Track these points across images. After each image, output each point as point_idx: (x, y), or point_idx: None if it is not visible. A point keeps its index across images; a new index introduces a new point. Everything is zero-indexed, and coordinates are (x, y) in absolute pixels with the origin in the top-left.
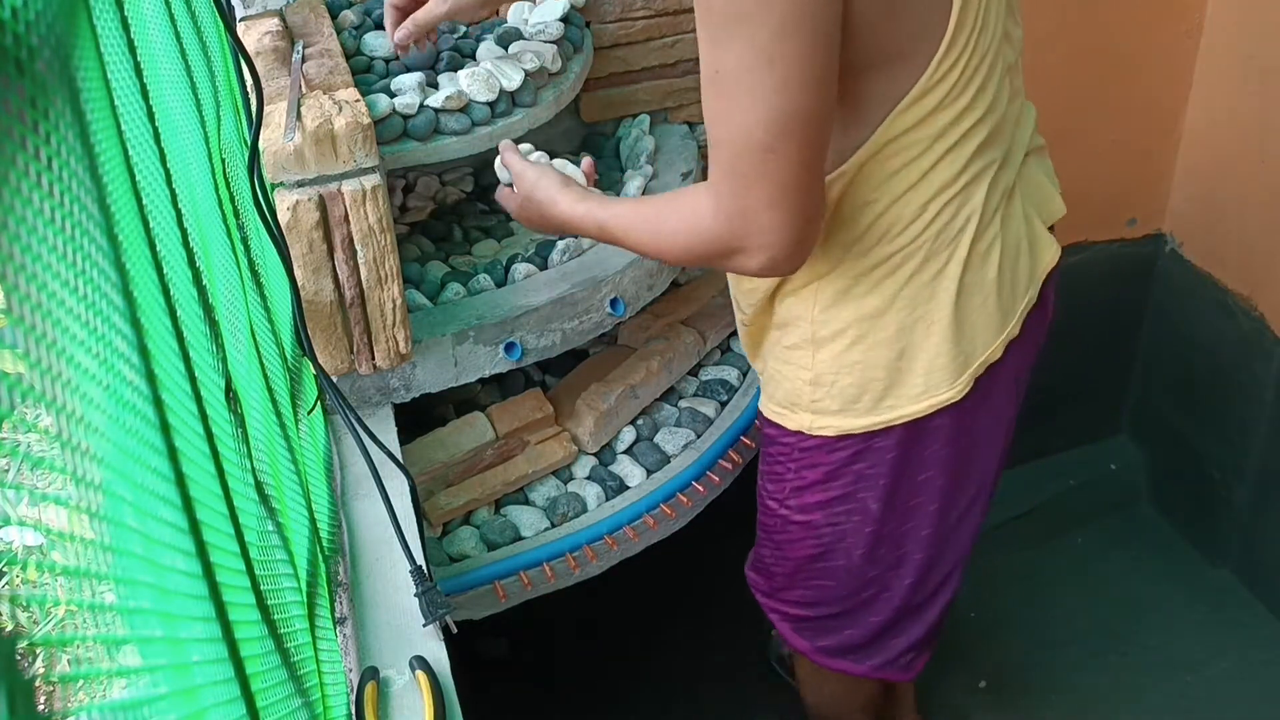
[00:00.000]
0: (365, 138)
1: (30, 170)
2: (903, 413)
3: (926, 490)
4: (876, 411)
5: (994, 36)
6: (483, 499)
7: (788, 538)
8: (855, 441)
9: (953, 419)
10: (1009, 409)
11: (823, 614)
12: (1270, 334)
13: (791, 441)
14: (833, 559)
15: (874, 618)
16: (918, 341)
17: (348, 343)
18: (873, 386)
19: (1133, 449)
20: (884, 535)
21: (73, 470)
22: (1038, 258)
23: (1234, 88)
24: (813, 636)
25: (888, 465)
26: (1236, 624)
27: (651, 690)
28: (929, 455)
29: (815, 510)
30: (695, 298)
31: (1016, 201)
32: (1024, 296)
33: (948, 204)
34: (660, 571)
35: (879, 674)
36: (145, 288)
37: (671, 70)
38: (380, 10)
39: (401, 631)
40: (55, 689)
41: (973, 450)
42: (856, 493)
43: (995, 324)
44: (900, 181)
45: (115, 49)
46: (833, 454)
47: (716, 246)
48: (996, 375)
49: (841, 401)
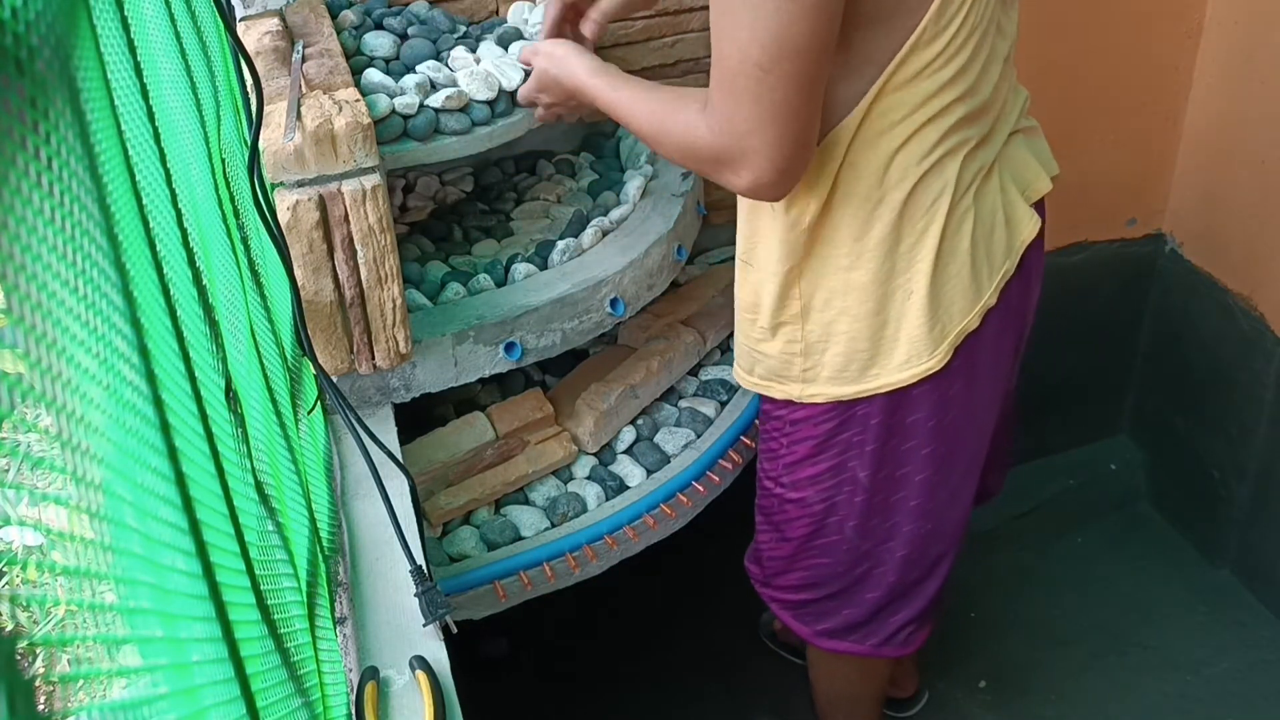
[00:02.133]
0: (365, 138)
1: (30, 170)
2: (886, 381)
3: (913, 459)
4: (863, 380)
5: (984, 18)
6: (483, 499)
7: (784, 517)
8: (842, 410)
9: (936, 389)
10: (999, 384)
11: (821, 595)
12: (1270, 334)
13: (783, 414)
14: (827, 534)
15: (870, 594)
16: (899, 311)
17: (348, 343)
18: (859, 356)
19: (1133, 449)
20: (874, 506)
21: (73, 470)
22: (1015, 230)
23: (1234, 88)
24: (813, 620)
25: (873, 433)
26: (1236, 624)
27: (651, 690)
28: (913, 424)
29: (808, 486)
30: (695, 297)
31: (994, 177)
32: (1000, 268)
33: (925, 175)
34: (660, 571)
35: (880, 652)
36: (145, 288)
37: (671, 70)
38: (380, 10)
39: (401, 631)
40: (55, 689)
41: (962, 423)
42: (846, 463)
43: (970, 294)
44: (886, 145)
45: (115, 49)
46: (820, 425)
47: (707, 158)
48: (978, 346)
49: (830, 370)
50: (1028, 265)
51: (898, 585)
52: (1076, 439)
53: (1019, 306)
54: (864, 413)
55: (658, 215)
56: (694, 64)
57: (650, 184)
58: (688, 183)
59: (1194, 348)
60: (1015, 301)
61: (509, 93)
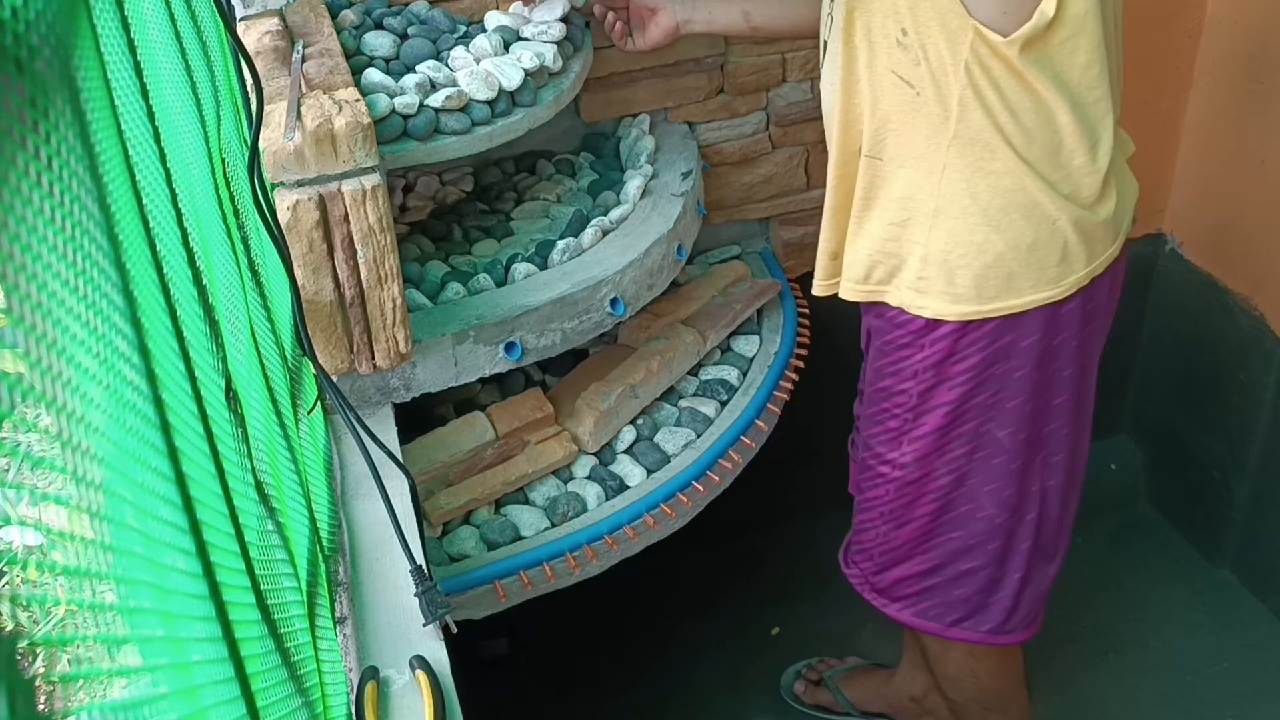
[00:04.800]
0: (365, 137)
1: (30, 170)
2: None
3: (1059, 398)
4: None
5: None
6: (483, 499)
7: (903, 501)
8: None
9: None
10: (1100, 347)
11: (947, 577)
12: (1270, 334)
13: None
14: (959, 505)
15: (1013, 572)
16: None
17: (348, 342)
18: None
19: (1133, 449)
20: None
21: (73, 470)
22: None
23: (1234, 88)
24: (940, 614)
25: (1023, 371)
26: (1236, 624)
27: (652, 690)
28: (1053, 372)
29: (934, 458)
30: (695, 297)
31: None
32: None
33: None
34: (661, 571)
35: (1016, 636)
36: (145, 288)
37: (672, 70)
38: (380, 10)
39: (401, 631)
40: (55, 689)
41: (1087, 368)
42: (990, 403)
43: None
44: (1075, 58)
45: (115, 49)
46: (962, 361)
47: None
48: (1098, 292)
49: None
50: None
51: (1034, 556)
52: None
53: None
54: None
55: (658, 215)
56: (695, 64)
57: (650, 184)
58: (688, 183)
59: (1194, 348)
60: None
61: (509, 92)
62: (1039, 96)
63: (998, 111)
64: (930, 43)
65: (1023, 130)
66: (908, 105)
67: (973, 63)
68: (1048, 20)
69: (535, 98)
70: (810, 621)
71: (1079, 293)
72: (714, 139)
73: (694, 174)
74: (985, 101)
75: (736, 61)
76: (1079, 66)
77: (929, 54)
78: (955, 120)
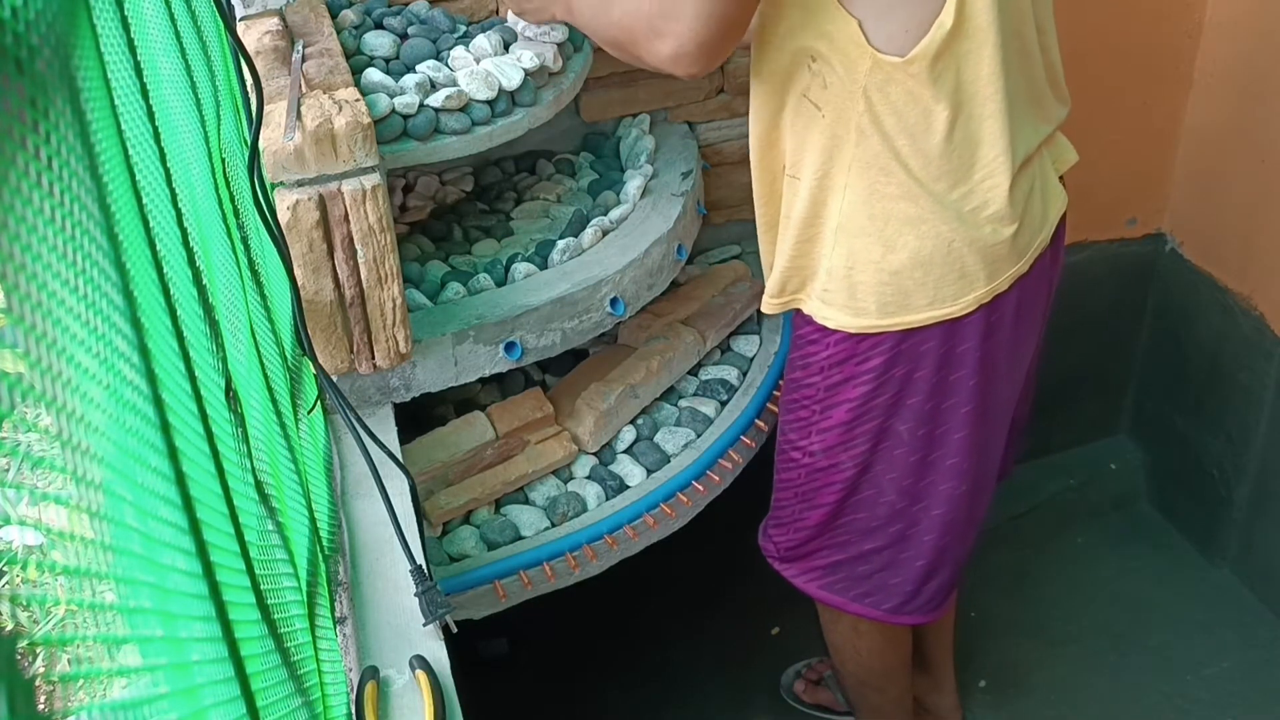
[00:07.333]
0: (365, 137)
1: (30, 170)
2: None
3: (956, 410)
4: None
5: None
6: (483, 498)
7: (813, 485)
8: (891, 342)
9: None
10: (1031, 344)
11: (854, 555)
12: (1270, 334)
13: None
14: (862, 491)
15: (914, 559)
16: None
17: (348, 342)
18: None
19: (1133, 449)
20: (913, 463)
21: (73, 470)
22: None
23: (1234, 87)
24: (844, 589)
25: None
26: (1236, 624)
27: (652, 689)
28: (963, 353)
29: (839, 450)
30: (695, 297)
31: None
32: (1039, 233)
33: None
34: (661, 570)
35: (913, 618)
36: (145, 288)
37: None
38: (380, 10)
39: (401, 631)
40: (55, 688)
41: (1002, 370)
42: (889, 409)
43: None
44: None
45: (115, 49)
46: (865, 362)
47: (640, 24)
48: (1019, 294)
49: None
50: (1057, 238)
51: (937, 548)
52: (1076, 438)
53: (1049, 273)
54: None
55: (658, 215)
56: None
57: (650, 184)
58: (688, 182)
59: (1194, 348)
60: (1048, 265)
61: (509, 92)
62: (939, 118)
63: (894, 135)
64: (831, 70)
65: (920, 153)
66: (816, 127)
67: (871, 88)
68: (946, 32)
69: (535, 97)
70: (810, 622)
71: (981, 308)
72: (714, 139)
73: (694, 174)
74: (882, 127)
75: (736, 61)
76: (983, 78)
77: (829, 81)
78: (854, 144)
